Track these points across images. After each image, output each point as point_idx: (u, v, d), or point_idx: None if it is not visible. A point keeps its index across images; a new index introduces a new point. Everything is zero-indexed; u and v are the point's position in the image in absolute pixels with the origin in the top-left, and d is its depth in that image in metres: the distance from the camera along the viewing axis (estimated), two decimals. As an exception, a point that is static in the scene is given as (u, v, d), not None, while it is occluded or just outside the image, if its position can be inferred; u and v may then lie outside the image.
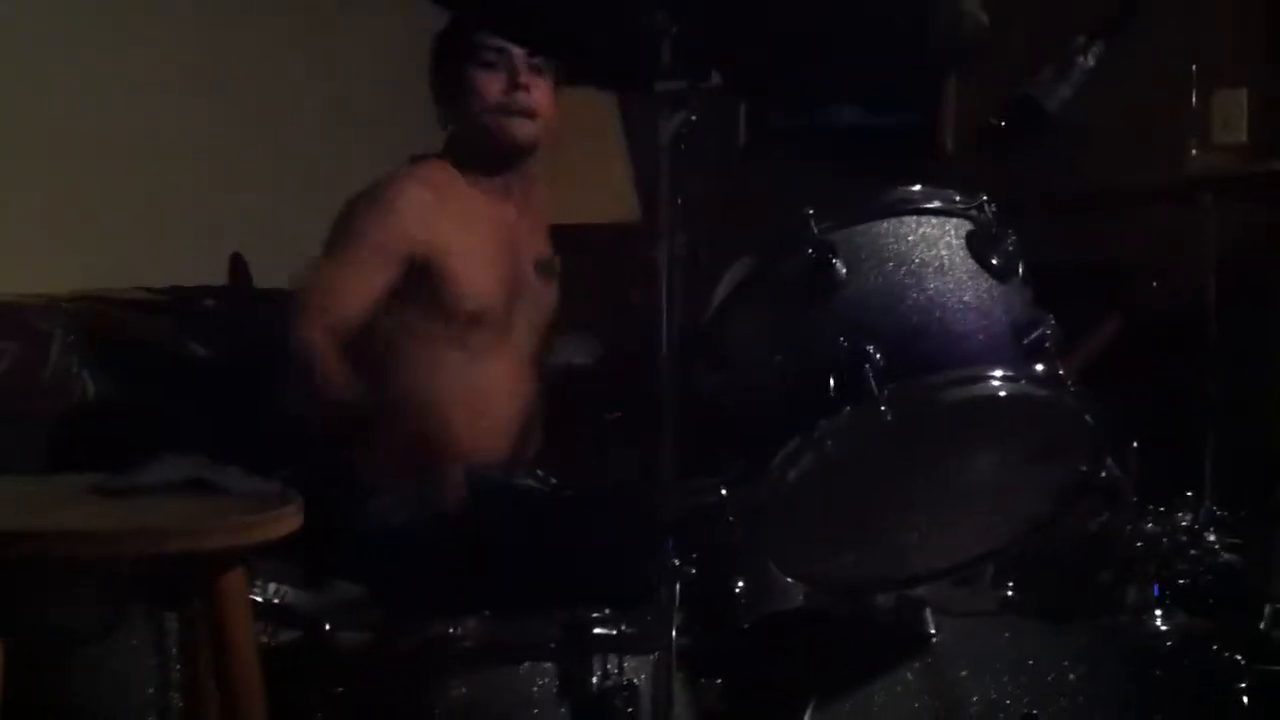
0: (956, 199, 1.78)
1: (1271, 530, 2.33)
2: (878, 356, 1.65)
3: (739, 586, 2.04)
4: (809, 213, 1.74)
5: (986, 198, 1.78)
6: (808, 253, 1.72)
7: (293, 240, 3.18)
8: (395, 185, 2.41)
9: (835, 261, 1.71)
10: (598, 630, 1.90)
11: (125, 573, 1.86)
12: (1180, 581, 2.20)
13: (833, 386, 1.66)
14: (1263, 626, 2.18)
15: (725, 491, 1.81)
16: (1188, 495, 2.30)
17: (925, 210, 1.76)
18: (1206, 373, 2.53)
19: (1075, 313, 1.82)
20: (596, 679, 1.88)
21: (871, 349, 1.66)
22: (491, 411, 2.44)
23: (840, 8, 1.77)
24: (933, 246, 1.74)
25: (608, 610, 1.91)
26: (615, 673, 1.88)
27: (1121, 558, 2.22)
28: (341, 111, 3.40)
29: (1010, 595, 2.14)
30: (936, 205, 1.77)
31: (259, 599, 1.96)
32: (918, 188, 1.78)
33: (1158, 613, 2.17)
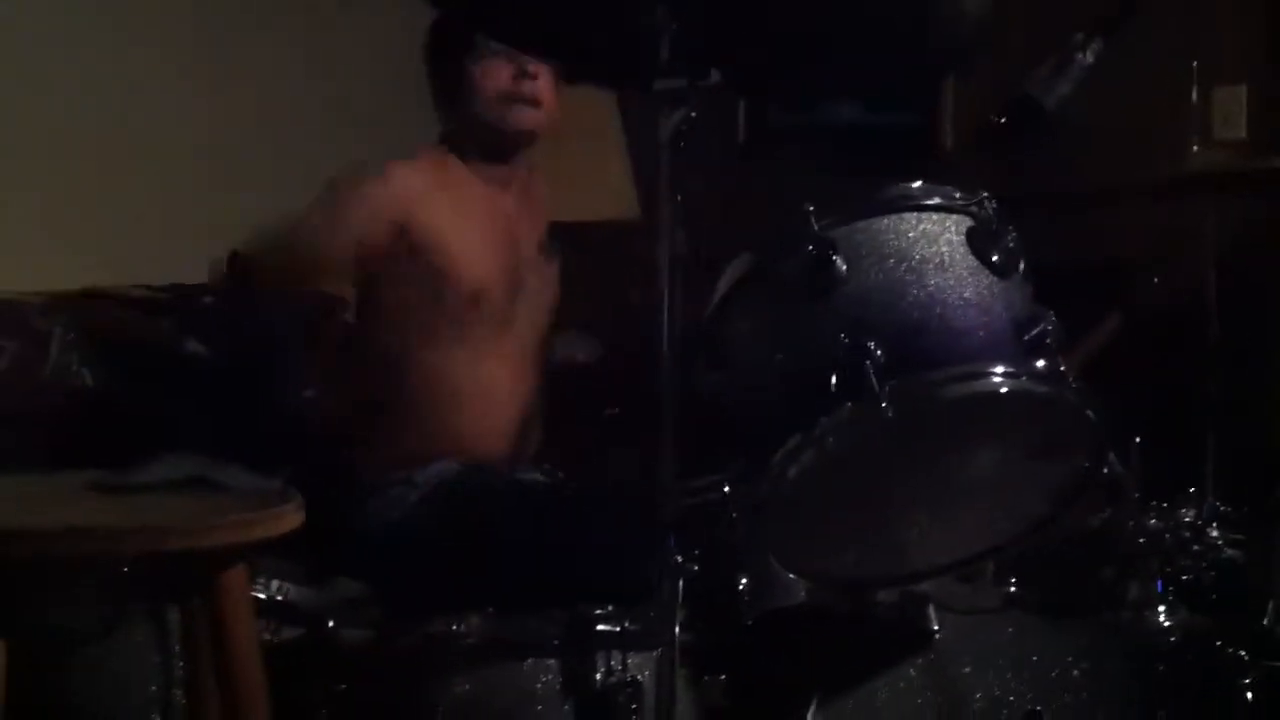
0: (957, 196, 1.78)
1: (1274, 526, 2.33)
2: (878, 353, 1.65)
3: (742, 583, 2.04)
4: (809, 210, 1.74)
5: (987, 194, 1.78)
6: (808, 250, 1.72)
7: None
8: (390, 163, 2.44)
9: (836, 258, 1.71)
10: (600, 627, 1.90)
11: (126, 571, 1.86)
12: (1183, 578, 2.20)
13: (833, 383, 1.66)
14: (1266, 622, 2.18)
15: (727, 489, 1.81)
16: (1190, 491, 2.30)
17: (926, 207, 1.76)
18: (1208, 369, 2.53)
19: (1076, 309, 1.82)
20: (599, 676, 1.88)
21: (872, 345, 1.65)
22: (494, 408, 2.44)
23: (840, 6, 1.77)
24: (933, 243, 1.74)
25: (610, 607, 1.91)
26: (618, 669, 1.88)
27: (1124, 554, 2.22)
28: (341, 111, 3.39)
29: (1013, 591, 2.14)
30: (937, 202, 1.77)
31: (261, 596, 1.97)
32: (918, 184, 1.78)
33: (1160, 609, 2.17)
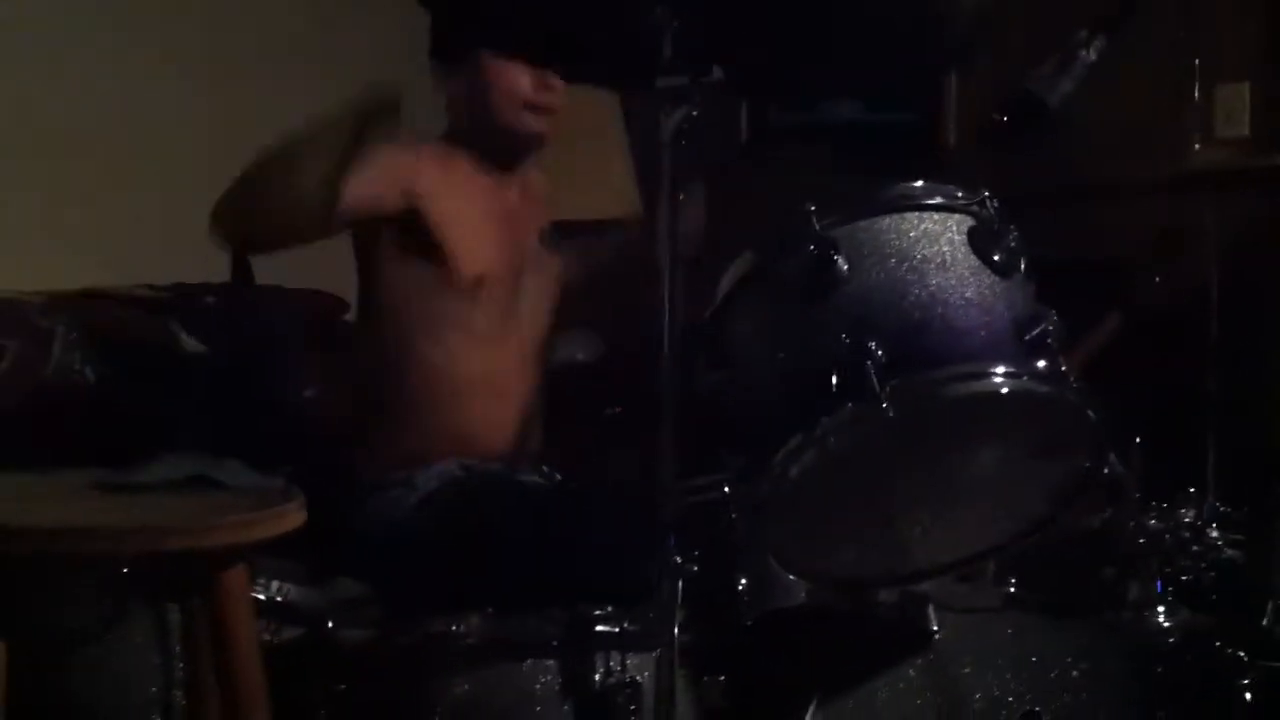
0: (958, 195, 1.77)
1: (1273, 526, 2.33)
2: (879, 353, 1.65)
3: (741, 583, 2.04)
4: (810, 209, 1.73)
5: (988, 193, 1.78)
6: (809, 249, 1.71)
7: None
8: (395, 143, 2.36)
9: (837, 258, 1.70)
10: (600, 628, 1.90)
11: (126, 571, 1.86)
12: (1183, 578, 2.20)
13: (835, 383, 1.65)
14: (1265, 623, 2.18)
15: (727, 489, 1.81)
16: (1190, 491, 2.30)
17: (927, 206, 1.76)
18: (1209, 368, 2.53)
19: (1077, 309, 1.82)
20: (599, 676, 1.88)
21: (873, 345, 1.65)
22: (494, 407, 2.44)
23: (839, 4, 1.77)
24: (934, 242, 1.74)
25: (610, 608, 1.91)
26: (618, 670, 1.88)
27: (1124, 554, 2.22)
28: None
29: (1013, 591, 2.14)
30: (938, 201, 1.76)
31: (261, 596, 1.97)
32: (919, 184, 1.78)
33: (1160, 609, 2.18)
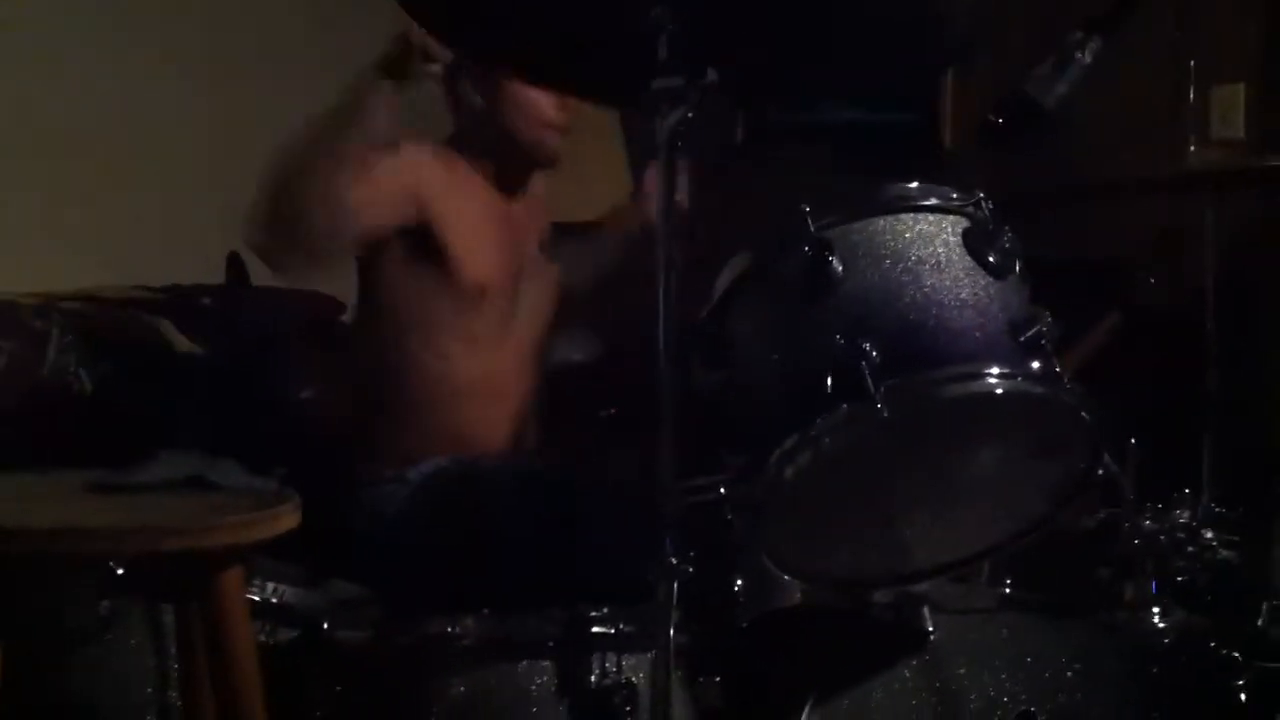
0: (953, 196, 1.77)
1: (1269, 527, 2.33)
2: (874, 354, 1.65)
3: (737, 584, 2.04)
4: (806, 210, 1.73)
5: (983, 194, 1.78)
6: (804, 250, 1.71)
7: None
8: (403, 141, 2.38)
9: (832, 259, 1.70)
10: (596, 628, 1.90)
11: (123, 571, 1.86)
12: (1178, 578, 2.20)
13: (830, 384, 1.65)
14: (1260, 623, 2.18)
15: (723, 489, 1.81)
16: (1186, 492, 2.30)
17: (922, 207, 1.76)
18: (1204, 369, 2.53)
19: (1073, 309, 1.82)
20: (595, 677, 1.88)
21: (868, 346, 1.65)
22: (492, 408, 2.44)
23: (834, 4, 1.77)
24: (930, 244, 1.74)
25: (606, 608, 1.91)
26: (614, 671, 1.88)
27: (1120, 554, 2.22)
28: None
29: (1008, 592, 2.15)
30: (933, 202, 1.76)
31: (257, 598, 1.97)
32: (914, 185, 1.78)
33: (1155, 610, 2.18)
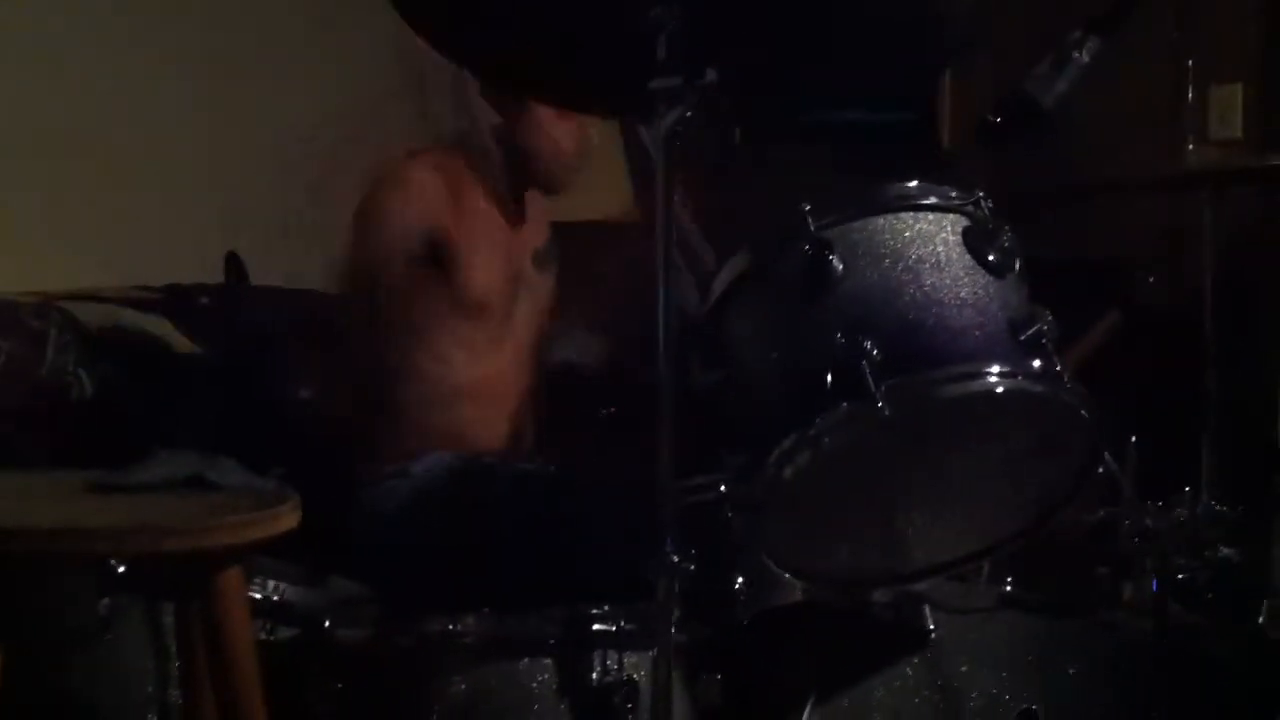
0: (953, 195, 1.77)
1: (1269, 526, 2.33)
2: (875, 352, 1.65)
3: (738, 582, 2.04)
4: (805, 209, 1.73)
5: (983, 193, 1.78)
6: (804, 249, 1.71)
7: (289, 238, 3.19)
8: (410, 166, 2.44)
9: (832, 258, 1.70)
10: (597, 626, 1.90)
11: (123, 571, 1.86)
12: (1178, 577, 2.20)
13: (830, 383, 1.65)
14: (1260, 621, 2.18)
15: (723, 488, 1.81)
16: (1185, 491, 2.30)
17: (922, 206, 1.76)
18: (1204, 368, 2.53)
19: (1072, 308, 1.82)
20: (596, 675, 1.88)
21: (868, 345, 1.65)
22: (490, 408, 2.44)
23: (837, 3, 1.77)
24: (929, 242, 1.74)
25: (607, 606, 1.91)
26: (615, 669, 1.88)
27: (1119, 553, 2.22)
28: (342, 107, 3.39)
29: (1008, 591, 2.15)
30: (933, 201, 1.76)
31: (257, 596, 1.96)
32: (914, 184, 1.77)
33: (1155, 608, 2.17)
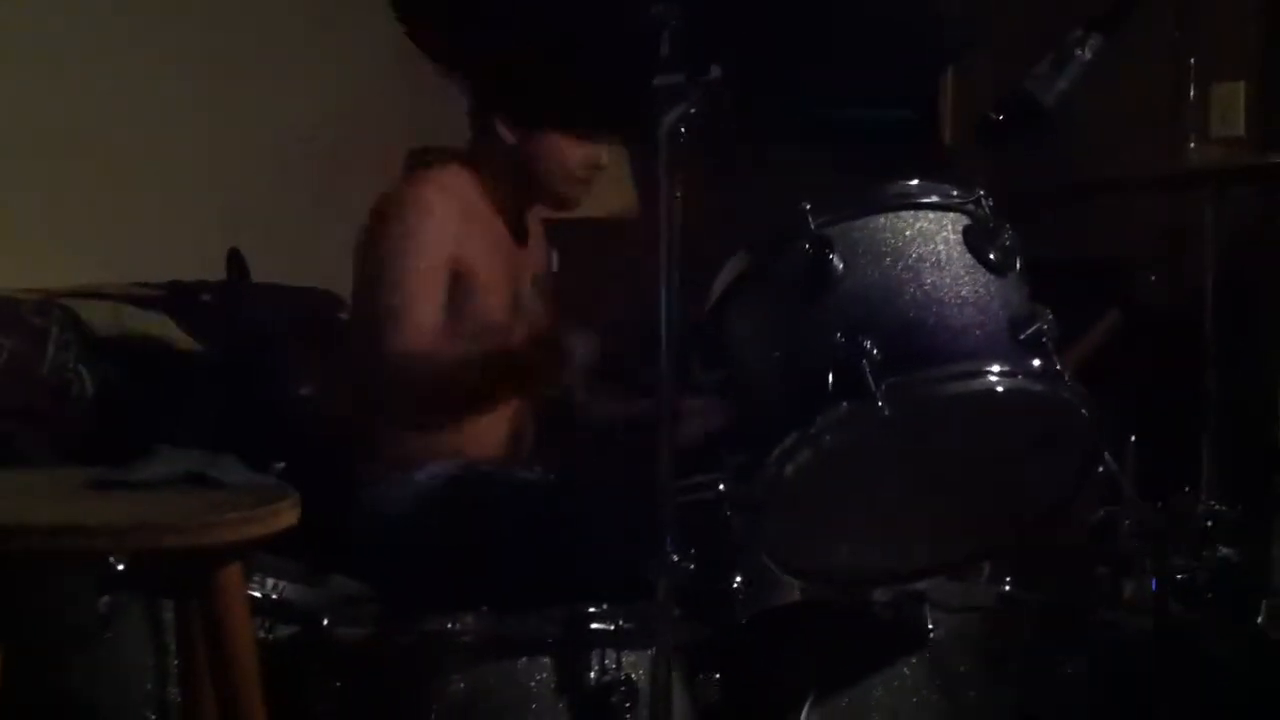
0: (954, 193, 1.77)
1: (1269, 525, 2.33)
2: (875, 351, 1.65)
3: (737, 582, 2.04)
4: (805, 207, 1.73)
5: (984, 192, 1.78)
6: (804, 248, 1.71)
7: (291, 235, 3.20)
8: (426, 189, 2.38)
9: (832, 256, 1.70)
10: (596, 625, 1.90)
11: (123, 568, 1.86)
12: (1178, 577, 2.20)
13: (830, 381, 1.65)
14: (1260, 622, 2.18)
15: (722, 487, 1.81)
16: (1185, 490, 2.30)
17: (922, 205, 1.75)
18: (1204, 367, 2.53)
19: (1073, 307, 1.82)
20: (595, 674, 1.88)
21: (869, 344, 1.65)
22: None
23: (837, 2, 1.77)
24: (930, 241, 1.73)
25: (605, 605, 1.91)
26: (613, 668, 1.88)
27: (1119, 553, 2.22)
28: (341, 107, 3.40)
29: (1008, 590, 2.15)
30: (934, 200, 1.76)
31: (257, 594, 1.97)
32: (915, 182, 1.77)
33: (1155, 608, 2.17)
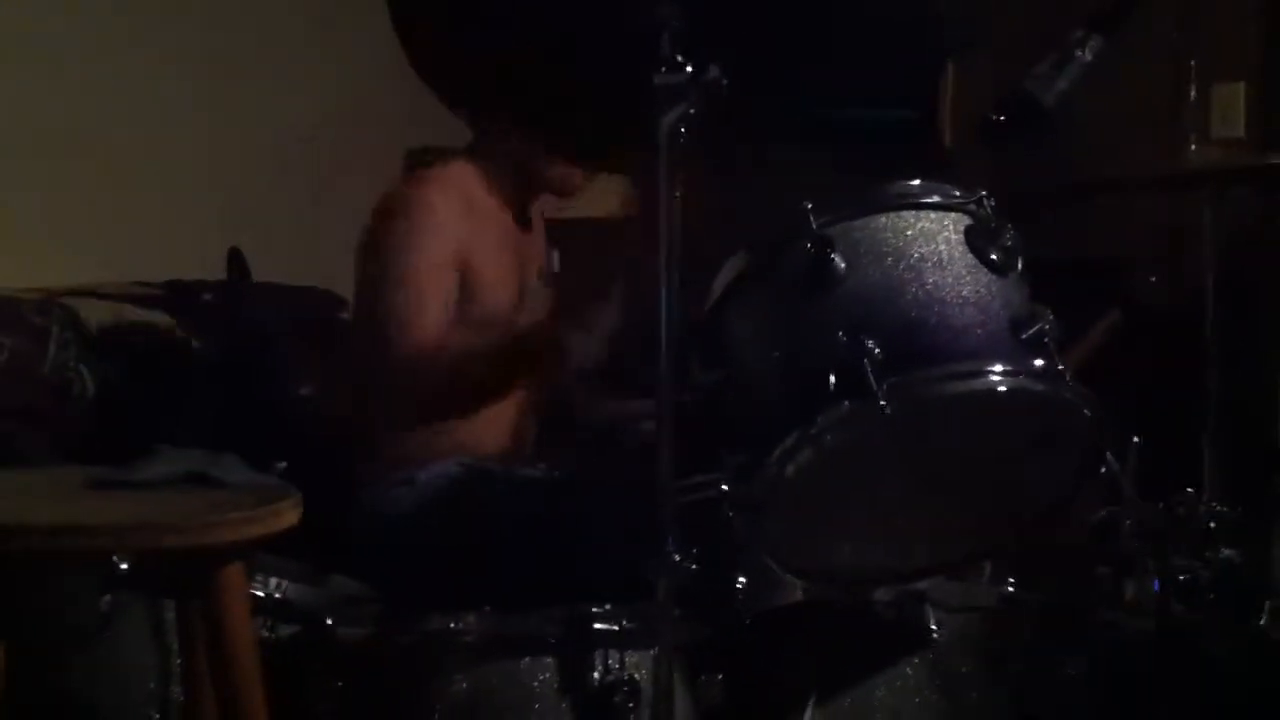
0: (955, 193, 1.77)
1: (1271, 526, 2.33)
2: (876, 351, 1.65)
3: (739, 582, 2.04)
4: (807, 207, 1.73)
5: (985, 192, 1.78)
6: (806, 247, 1.71)
7: (290, 235, 3.20)
8: (429, 188, 2.38)
9: (834, 256, 1.70)
10: (598, 625, 1.90)
11: (125, 568, 1.86)
12: (1180, 577, 2.20)
13: (831, 381, 1.65)
14: (1262, 622, 2.18)
15: (725, 487, 1.81)
16: (1187, 490, 2.30)
17: (924, 205, 1.76)
18: (1206, 367, 2.53)
19: (1074, 307, 1.82)
20: (597, 674, 1.88)
21: (870, 343, 1.65)
22: (494, 410, 2.44)
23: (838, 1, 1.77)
24: (931, 241, 1.74)
25: (608, 606, 1.91)
26: (616, 668, 1.88)
27: (1121, 553, 2.22)
28: (341, 106, 3.40)
29: (1010, 590, 2.15)
30: (935, 200, 1.76)
31: (259, 594, 1.96)
32: (916, 182, 1.78)
33: (1157, 608, 2.17)
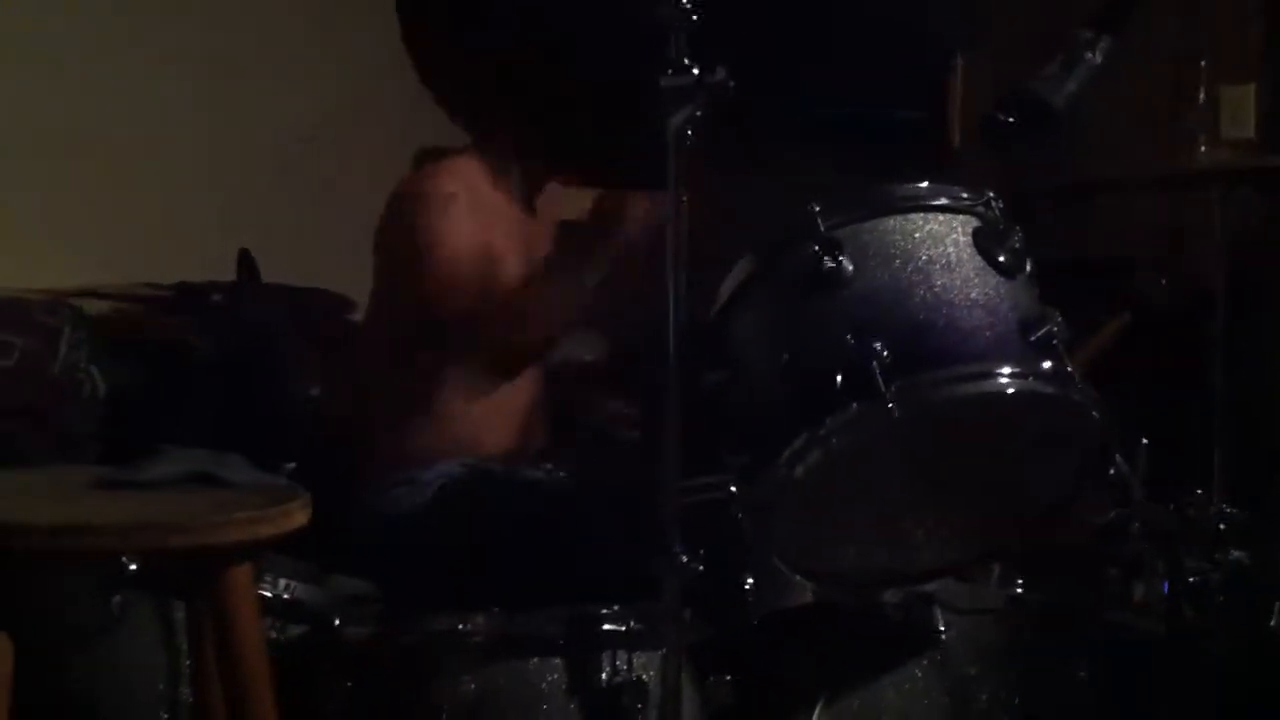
0: (963, 195, 1.77)
1: (1278, 527, 2.32)
2: (885, 353, 1.65)
3: (748, 582, 2.04)
4: (815, 209, 1.74)
5: (993, 194, 1.78)
6: (814, 249, 1.72)
7: (291, 235, 3.19)
8: (446, 179, 2.37)
9: (842, 258, 1.71)
10: (606, 626, 1.90)
11: (133, 568, 1.86)
12: (1189, 579, 2.20)
13: (840, 383, 1.65)
14: (1272, 624, 2.18)
15: (733, 488, 1.81)
16: (1197, 492, 2.30)
17: (932, 207, 1.76)
18: (1215, 369, 2.52)
19: (1083, 309, 1.82)
20: (605, 675, 1.88)
21: (878, 346, 1.65)
22: (497, 407, 2.44)
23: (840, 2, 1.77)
24: (939, 243, 1.74)
25: (616, 606, 1.91)
26: (624, 669, 1.88)
27: (1130, 555, 2.22)
28: (342, 106, 3.40)
29: (1019, 592, 2.14)
30: (943, 202, 1.76)
31: (267, 594, 1.97)
32: (924, 184, 1.78)
33: (1166, 610, 2.17)
